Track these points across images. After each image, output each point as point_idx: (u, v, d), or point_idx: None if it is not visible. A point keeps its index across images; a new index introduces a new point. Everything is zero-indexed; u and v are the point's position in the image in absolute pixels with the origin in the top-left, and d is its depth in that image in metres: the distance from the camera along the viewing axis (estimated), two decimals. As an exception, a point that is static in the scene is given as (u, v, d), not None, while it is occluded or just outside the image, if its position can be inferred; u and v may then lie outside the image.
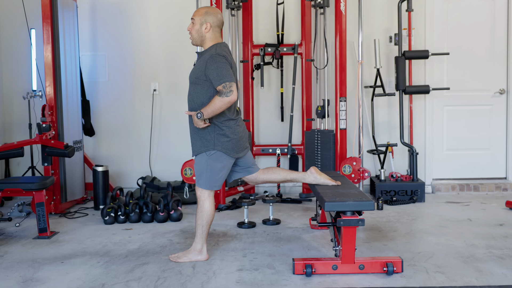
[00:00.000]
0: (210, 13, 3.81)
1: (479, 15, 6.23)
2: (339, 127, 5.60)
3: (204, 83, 3.73)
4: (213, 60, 3.69)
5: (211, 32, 3.81)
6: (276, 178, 4.06)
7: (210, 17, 3.80)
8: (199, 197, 3.85)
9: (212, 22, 3.80)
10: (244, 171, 4.03)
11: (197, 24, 3.80)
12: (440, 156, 6.34)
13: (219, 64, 3.67)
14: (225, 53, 3.75)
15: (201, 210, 3.84)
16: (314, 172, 4.02)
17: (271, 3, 6.15)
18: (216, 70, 3.66)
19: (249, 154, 4.07)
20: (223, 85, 3.62)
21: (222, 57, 3.71)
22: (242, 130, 3.93)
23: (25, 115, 6.08)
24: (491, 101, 6.30)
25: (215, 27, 3.82)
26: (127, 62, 6.37)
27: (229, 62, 3.75)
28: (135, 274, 3.59)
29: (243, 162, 4.01)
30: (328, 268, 3.50)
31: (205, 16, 3.80)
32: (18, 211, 5.24)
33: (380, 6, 6.23)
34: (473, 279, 3.39)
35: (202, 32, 3.80)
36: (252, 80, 6.08)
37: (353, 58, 6.14)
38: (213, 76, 3.66)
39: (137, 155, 6.41)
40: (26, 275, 3.62)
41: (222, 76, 3.64)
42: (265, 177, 4.05)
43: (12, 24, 6.27)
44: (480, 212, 5.24)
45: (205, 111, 3.65)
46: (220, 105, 3.62)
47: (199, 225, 3.85)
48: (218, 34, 3.85)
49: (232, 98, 3.61)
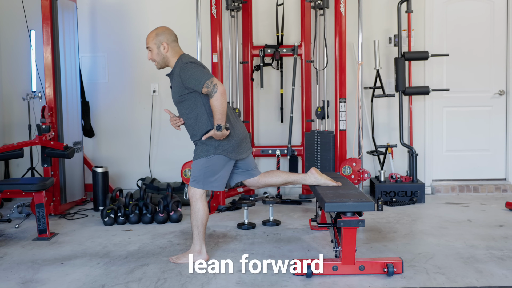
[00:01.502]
0: (160, 33, 3.81)
1: (479, 16, 6.24)
2: (339, 128, 5.60)
3: (189, 96, 3.74)
4: (184, 69, 3.70)
5: (171, 49, 3.81)
6: (277, 181, 4.06)
7: (162, 36, 3.80)
8: (191, 197, 3.85)
9: (167, 40, 3.80)
10: (246, 174, 4.03)
11: (154, 49, 3.80)
12: (439, 157, 6.34)
13: (191, 70, 3.68)
14: (191, 59, 3.78)
15: (194, 211, 3.84)
16: (314, 173, 4.02)
17: (271, 4, 6.16)
18: (191, 77, 3.67)
19: (251, 157, 4.06)
20: (205, 85, 3.62)
21: (190, 63, 3.73)
22: (243, 131, 3.94)
23: (25, 116, 6.08)
24: (490, 102, 6.30)
25: (171, 42, 3.82)
26: (127, 63, 6.37)
27: (198, 64, 3.78)
28: (135, 275, 3.58)
29: (245, 164, 4.01)
30: (328, 269, 3.49)
31: (157, 38, 3.79)
32: (18, 212, 5.23)
33: (380, 8, 6.24)
34: (473, 280, 3.39)
35: (163, 54, 3.80)
36: (251, 81, 6.08)
37: (352, 59, 6.14)
38: (192, 83, 3.66)
39: (136, 156, 6.41)
40: (26, 276, 3.62)
41: (199, 78, 3.64)
42: (266, 181, 4.05)
43: (12, 25, 6.27)
44: (480, 213, 5.24)
45: (218, 121, 3.64)
46: (219, 104, 3.61)
47: (194, 226, 3.85)
48: (178, 47, 3.86)
49: (220, 89, 3.59)
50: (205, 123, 3.77)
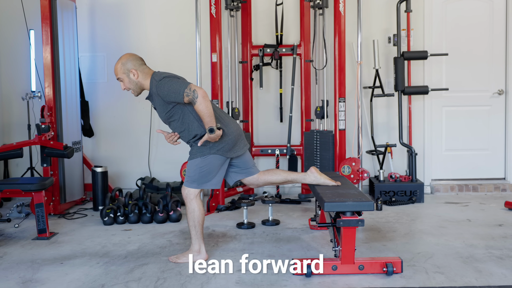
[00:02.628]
0: (125, 61, 3.78)
1: (478, 15, 6.24)
2: (338, 128, 5.60)
3: (175, 110, 3.74)
4: (160, 87, 3.68)
5: (141, 73, 3.77)
6: (277, 180, 4.07)
7: (128, 63, 3.77)
8: (185, 197, 3.85)
9: (133, 65, 3.76)
10: (244, 172, 4.03)
11: (125, 78, 3.77)
12: (439, 157, 6.35)
13: (167, 85, 3.66)
14: (163, 75, 3.74)
15: (190, 211, 3.84)
16: (314, 172, 4.02)
17: (270, 4, 6.15)
18: (169, 91, 3.64)
19: (248, 155, 4.07)
20: (185, 94, 3.60)
21: (163, 79, 3.70)
22: (237, 128, 3.93)
23: (24, 116, 6.08)
24: (489, 102, 6.31)
25: (139, 66, 3.78)
26: (126, 63, 6.36)
27: (171, 76, 3.75)
28: (134, 275, 3.59)
29: (242, 162, 4.01)
30: (327, 268, 3.49)
31: (124, 67, 3.76)
32: (17, 212, 5.23)
33: (379, 7, 6.24)
34: (472, 279, 3.40)
35: (135, 80, 3.77)
36: (251, 81, 6.08)
37: (352, 59, 6.14)
38: (172, 97, 3.64)
39: (136, 156, 6.41)
40: (25, 276, 3.62)
41: (176, 90, 3.62)
42: (265, 179, 4.06)
43: (11, 25, 6.27)
44: (479, 213, 5.25)
45: (208, 124, 3.64)
46: (203, 107, 3.59)
47: (191, 227, 3.86)
48: (147, 69, 3.81)
49: (201, 93, 3.58)
50: (197, 129, 3.78)
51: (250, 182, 4.09)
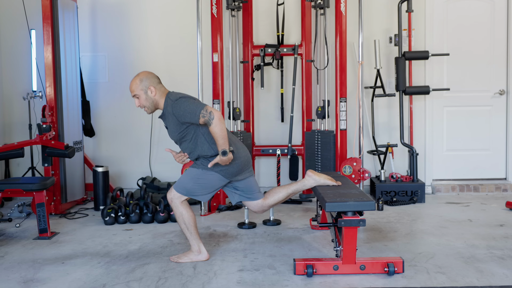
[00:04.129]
0: (143, 78, 3.77)
1: (479, 15, 6.24)
2: (339, 128, 5.60)
3: (188, 130, 3.75)
4: (176, 106, 3.69)
5: (158, 91, 3.77)
6: (280, 197, 4.02)
7: (147, 80, 3.76)
8: (170, 201, 3.84)
9: (152, 83, 3.77)
10: (248, 196, 4.01)
11: (142, 96, 3.76)
12: (440, 157, 6.34)
13: (183, 105, 3.67)
14: (179, 95, 3.76)
15: (177, 216, 3.85)
16: (312, 175, 4.02)
17: (271, 4, 6.15)
18: (185, 111, 3.65)
19: (253, 180, 4.03)
20: (201, 115, 3.62)
21: (179, 99, 3.71)
22: (246, 154, 3.93)
23: (25, 115, 6.09)
24: (491, 102, 6.30)
25: (157, 84, 3.79)
26: (127, 63, 6.37)
27: (188, 97, 3.76)
28: (136, 275, 3.59)
29: (245, 187, 3.99)
30: (329, 268, 3.49)
31: (142, 84, 3.76)
32: (18, 211, 5.24)
33: (380, 7, 6.24)
34: (474, 279, 3.39)
35: (152, 98, 3.77)
36: (252, 81, 6.08)
37: (353, 59, 6.14)
38: (188, 117, 3.66)
39: (137, 155, 6.41)
40: (26, 275, 3.62)
41: (192, 110, 3.64)
42: (269, 202, 4.02)
43: (13, 24, 6.28)
44: (480, 213, 5.24)
45: (221, 146, 3.65)
46: (219, 129, 3.61)
47: (184, 229, 3.86)
48: (163, 88, 3.82)
49: (217, 115, 3.60)
50: (208, 151, 3.79)
51: (255, 208, 4.04)
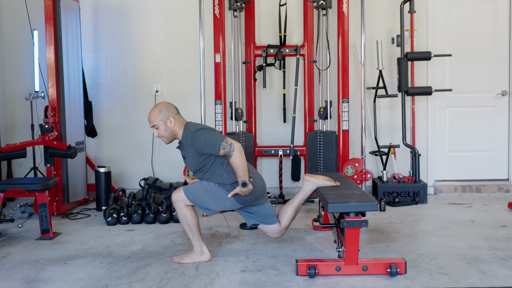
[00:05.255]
0: (163, 108, 3.78)
1: (481, 16, 6.23)
2: (342, 129, 5.59)
3: (207, 161, 3.77)
4: (196, 138, 3.70)
5: (177, 122, 3.79)
6: (290, 214, 3.98)
7: (166, 111, 3.78)
8: (174, 201, 3.83)
9: (171, 113, 3.78)
10: (263, 220, 3.98)
11: (161, 126, 3.77)
12: (442, 158, 6.34)
13: (203, 137, 3.69)
14: (198, 127, 3.77)
15: (181, 217, 3.85)
16: (309, 178, 4.01)
17: (274, 5, 6.15)
18: (206, 143, 3.67)
19: (269, 206, 4.00)
20: (222, 147, 3.63)
21: (199, 131, 3.72)
22: (261, 184, 3.92)
23: (28, 116, 6.09)
24: (493, 103, 6.29)
25: (176, 115, 3.81)
26: (129, 64, 6.38)
27: (207, 128, 3.78)
28: (138, 275, 3.59)
29: (262, 212, 3.96)
30: (331, 269, 3.49)
31: (162, 114, 3.76)
32: (21, 212, 5.24)
33: (382, 8, 6.23)
34: (476, 280, 3.39)
35: (171, 128, 3.78)
36: (254, 82, 6.08)
37: (355, 60, 6.13)
38: (208, 149, 3.67)
39: (139, 156, 6.41)
40: (29, 276, 3.62)
41: (213, 143, 3.65)
42: (285, 223, 3.98)
43: (15, 25, 6.28)
44: (482, 214, 5.24)
45: (241, 178, 3.66)
46: (239, 161, 3.63)
47: (187, 230, 3.86)
48: (182, 118, 3.84)
49: (237, 147, 3.62)
50: (226, 180, 3.79)
51: (273, 234, 4.00)
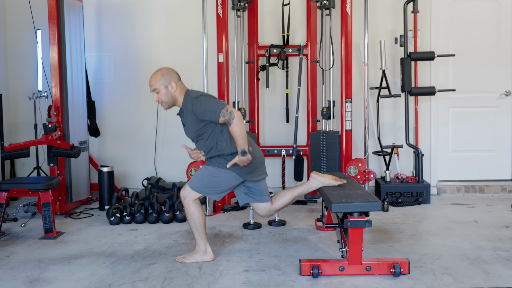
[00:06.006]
0: (165, 73, 3.78)
1: (485, 16, 6.22)
2: (345, 128, 5.59)
3: (206, 128, 3.76)
4: (197, 104, 3.70)
5: (178, 88, 3.79)
6: (286, 201, 4.01)
7: (168, 75, 3.78)
8: (183, 198, 3.83)
9: (173, 78, 3.79)
10: (256, 197, 3.99)
11: (162, 90, 3.76)
12: (445, 158, 6.33)
13: (204, 103, 3.69)
14: (199, 93, 3.78)
15: (189, 214, 3.84)
16: (316, 176, 4.00)
17: (277, 4, 6.15)
18: (206, 109, 3.67)
19: (264, 183, 4.03)
20: (221, 114, 3.63)
21: (200, 97, 3.73)
22: (260, 155, 3.95)
23: (31, 115, 6.10)
24: (496, 103, 6.28)
25: (177, 81, 3.81)
26: (132, 63, 6.38)
27: (208, 95, 3.79)
28: (141, 275, 3.59)
29: (257, 189, 3.98)
30: (335, 269, 3.49)
31: (164, 78, 3.76)
32: (24, 211, 5.25)
33: (386, 8, 6.23)
34: (480, 281, 3.38)
35: (172, 93, 3.77)
36: (257, 81, 6.08)
37: (358, 59, 6.13)
38: (208, 115, 3.67)
39: (142, 156, 6.41)
40: (32, 275, 3.63)
41: (213, 109, 3.65)
42: (276, 206, 4.01)
43: (18, 24, 6.29)
44: (486, 214, 5.23)
45: (241, 146, 3.66)
46: (238, 129, 3.63)
47: (193, 228, 3.86)
48: (183, 85, 3.84)
49: (237, 115, 3.63)
50: (225, 149, 3.79)
51: (263, 212, 4.02)
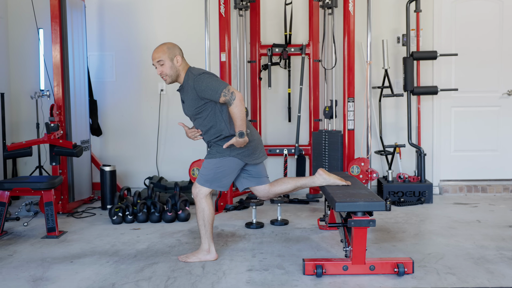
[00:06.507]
0: (171, 47, 3.79)
1: (487, 15, 6.21)
2: (347, 128, 5.58)
3: (206, 106, 3.75)
4: (198, 81, 3.70)
5: (182, 62, 3.80)
6: (287, 188, 4.03)
7: (175, 49, 3.79)
8: (195, 196, 3.83)
9: (178, 53, 3.80)
10: (255, 180, 4.01)
11: (168, 63, 3.75)
12: (447, 157, 6.32)
13: (206, 81, 3.69)
14: (202, 71, 3.78)
15: (199, 211, 3.84)
16: (322, 173, 4.00)
17: (279, 4, 6.15)
18: (207, 87, 3.67)
19: (263, 165, 4.06)
20: (223, 94, 3.64)
21: (202, 74, 3.73)
22: (258, 137, 3.98)
23: (33, 114, 6.08)
24: (499, 102, 6.27)
25: (182, 56, 3.82)
26: (134, 62, 6.37)
27: (211, 74, 3.80)
28: (145, 274, 3.58)
29: (256, 171, 4.00)
30: (338, 268, 3.48)
31: (170, 51, 3.76)
32: (26, 210, 5.25)
33: (388, 7, 6.22)
34: (484, 280, 3.38)
35: (176, 67, 3.77)
36: (259, 81, 6.07)
37: (360, 59, 6.12)
38: (209, 94, 3.67)
39: (144, 155, 6.41)
40: (36, 274, 3.62)
41: (215, 88, 3.66)
42: (276, 190, 4.03)
43: (21, 24, 6.29)
44: (488, 214, 5.22)
45: (239, 127, 3.67)
46: (238, 110, 3.64)
47: (201, 226, 3.85)
48: (185, 62, 3.85)
49: (238, 96, 3.64)
50: (223, 129, 3.79)
51: (261, 193, 4.04)
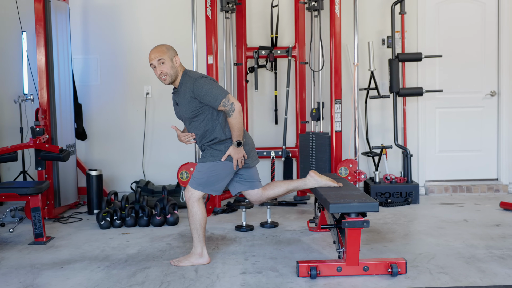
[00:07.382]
0: (169, 47, 3.80)
1: (470, 18, 6.28)
2: (335, 130, 5.59)
3: (203, 110, 3.74)
4: (198, 85, 3.69)
5: (180, 64, 3.81)
6: (279, 192, 4.04)
7: (172, 50, 3.80)
8: (187, 200, 3.82)
9: (176, 54, 3.81)
10: (248, 184, 4.00)
11: (169, 62, 3.74)
12: (432, 158, 6.38)
13: (206, 86, 3.68)
14: (200, 74, 3.78)
15: (191, 214, 3.82)
16: (314, 175, 4.01)
17: (265, 6, 6.15)
18: (207, 93, 3.66)
19: (256, 169, 4.06)
20: (223, 103, 3.64)
21: (202, 78, 3.72)
22: (252, 141, 3.98)
23: (16, 119, 5.98)
24: (482, 103, 6.36)
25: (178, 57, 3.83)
26: (119, 65, 6.31)
27: (211, 79, 3.79)
28: (137, 279, 3.54)
29: (249, 175, 3.99)
30: (332, 270, 3.49)
31: (169, 51, 3.77)
32: (11, 216, 5.15)
33: (373, 9, 6.26)
34: (477, 279, 3.41)
35: (176, 67, 3.77)
36: (246, 83, 6.06)
37: (346, 61, 6.15)
38: (208, 100, 3.67)
39: (130, 159, 6.35)
40: (26, 281, 3.56)
41: (215, 96, 3.66)
42: (268, 194, 4.03)
43: (4, 26, 6.18)
44: (475, 213, 5.28)
45: (237, 137, 3.70)
46: (237, 122, 3.66)
47: (193, 229, 3.83)
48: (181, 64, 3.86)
49: (237, 107, 3.65)
50: (218, 133, 3.78)
51: (253, 197, 4.04)
